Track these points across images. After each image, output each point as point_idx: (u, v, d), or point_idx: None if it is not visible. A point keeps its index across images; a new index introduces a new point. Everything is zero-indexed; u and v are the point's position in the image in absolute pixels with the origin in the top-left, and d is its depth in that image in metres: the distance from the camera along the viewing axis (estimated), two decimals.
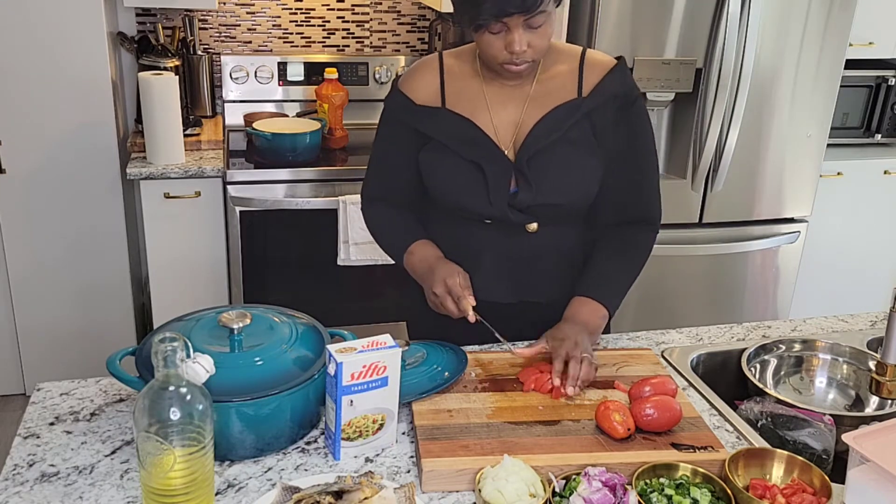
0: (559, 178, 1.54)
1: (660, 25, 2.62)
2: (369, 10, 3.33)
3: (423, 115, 1.58)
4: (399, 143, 1.62)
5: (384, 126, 1.66)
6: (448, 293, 1.52)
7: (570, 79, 1.55)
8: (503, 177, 1.54)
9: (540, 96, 1.55)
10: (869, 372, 1.55)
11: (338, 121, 3.08)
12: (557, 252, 1.62)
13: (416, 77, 1.61)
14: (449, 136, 1.56)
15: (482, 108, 1.56)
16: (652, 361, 1.56)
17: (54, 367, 3.00)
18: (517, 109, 1.55)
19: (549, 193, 1.54)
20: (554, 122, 1.53)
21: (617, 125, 1.55)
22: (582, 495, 1.15)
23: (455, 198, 1.58)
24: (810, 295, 3.36)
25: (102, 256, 2.93)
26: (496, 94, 1.56)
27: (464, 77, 1.59)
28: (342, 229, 2.81)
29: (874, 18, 3.11)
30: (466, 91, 1.58)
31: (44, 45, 2.65)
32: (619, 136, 1.56)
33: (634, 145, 1.58)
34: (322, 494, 1.13)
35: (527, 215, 1.56)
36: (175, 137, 2.74)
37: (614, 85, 1.54)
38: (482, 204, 1.55)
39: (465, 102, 1.57)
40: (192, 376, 1.12)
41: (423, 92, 1.59)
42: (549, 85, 1.55)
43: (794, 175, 2.95)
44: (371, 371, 1.23)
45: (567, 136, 1.53)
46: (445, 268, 1.56)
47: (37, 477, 1.21)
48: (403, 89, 1.60)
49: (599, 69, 1.55)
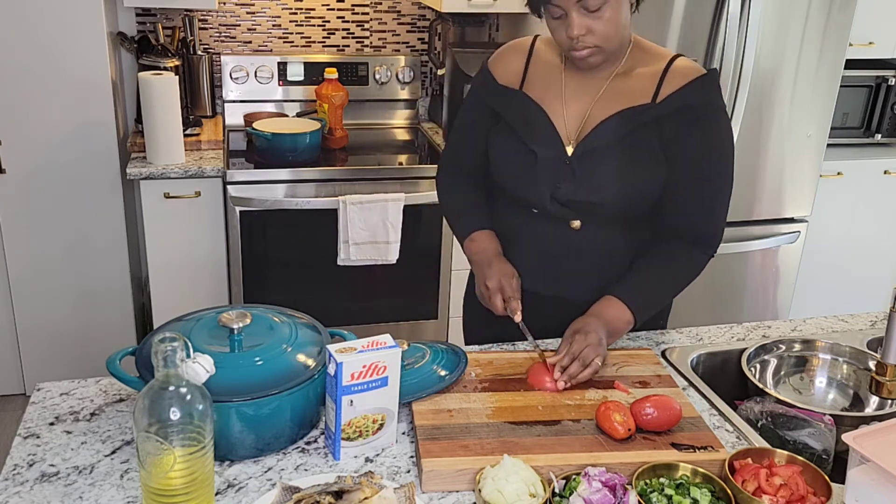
0: (605, 179, 1.52)
1: (660, 25, 2.62)
2: (369, 10, 3.33)
3: (500, 94, 1.61)
4: (477, 118, 1.67)
5: (467, 99, 1.71)
6: (500, 290, 1.57)
7: (649, 82, 1.51)
8: (554, 167, 1.54)
9: (613, 93, 1.53)
10: (869, 372, 1.55)
11: (338, 121, 3.08)
12: (599, 253, 1.59)
13: (504, 57, 1.64)
14: (515, 119, 1.58)
15: (557, 95, 1.56)
16: (652, 361, 1.56)
17: (54, 367, 3.00)
18: (588, 103, 1.55)
19: (592, 192, 1.53)
20: (619, 122, 1.51)
21: (687, 137, 1.50)
22: (582, 495, 1.15)
23: (507, 181, 1.61)
24: (810, 295, 3.36)
25: (102, 256, 2.93)
26: (573, 83, 1.56)
27: (548, 63, 1.60)
28: (342, 229, 2.81)
29: (874, 18, 3.12)
30: (547, 77, 1.58)
31: (44, 45, 2.65)
32: (687, 149, 1.51)
33: (698, 159, 1.51)
34: (322, 494, 1.14)
35: (567, 210, 1.55)
36: (175, 137, 2.74)
37: (691, 96, 1.49)
38: (529, 191, 1.57)
39: (543, 88, 1.58)
40: (192, 376, 1.12)
41: (506, 72, 1.62)
42: (626, 84, 1.53)
43: (794, 175, 2.95)
44: (371, 371, 1.23)
45: (628, 139, 1.51)
46: (503, 267, 1.61)
47: (37, 477, 1.21)
48: (490, 67, 1.65)
49: (681, 77, 1.50)
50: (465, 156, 1.72)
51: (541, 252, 1.62)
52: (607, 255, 1.60)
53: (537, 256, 1.62)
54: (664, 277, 1.58)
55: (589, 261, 1.60)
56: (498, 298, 1.57)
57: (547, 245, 1.61)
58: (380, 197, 2.81)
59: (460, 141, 1.73)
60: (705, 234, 1.58)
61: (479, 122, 1.66)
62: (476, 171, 1.70)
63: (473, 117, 1.68)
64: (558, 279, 1.62)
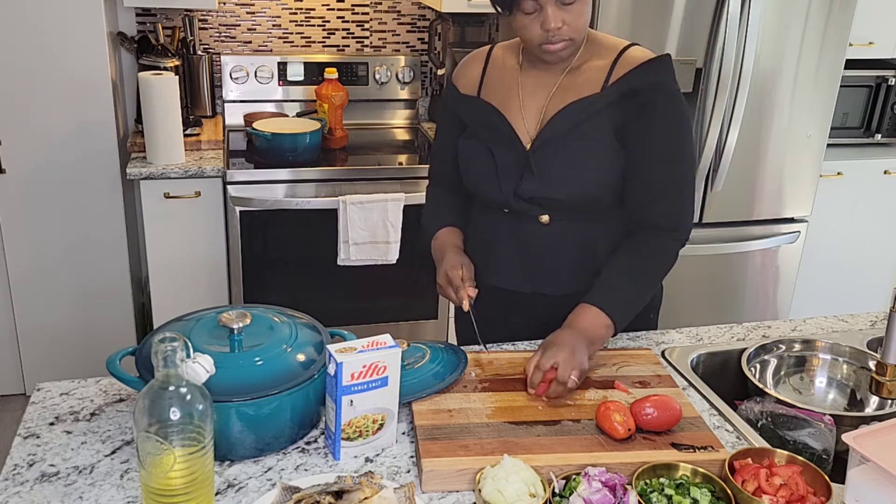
0: (563, 173, 1.53)
1: (660, 25, 2.62)
2: (369, 10, 3.33)
3: (462, 103, 1.66)
4: (448, 129, 1.72)
5: (439, 113, 1.79)
6: (449, 283, 1.60)
7: (600, 73, 1.53)
8: (514, 165, 1.56)
9: (566, 87, 1.55)
10: (869, 372, 1.55)
11: (338, 121, 3.08)
12: (572, 247, 1.60)
13: (463, 68, 1.70)
14: (475, 122, 1.63)
15: (514, 96, 1.59)
16: (652, 361, 1.56)
17: (54, 367, 3.00)
18: (544, 98, 1.56)
19: (552, 187, 1.53)
20: (570, 114, 1.52)
21: (638, 122, 1.50)
22: (582, 495, 1.15)
23: (475, 185, 1.64)
24: (810, 295, 3.36)
25: (102, 256, 2.93)
26: (529, 82, 1.58)
27: (505, 67, 1.63)
28: (342, 229, 2.81)
29: (874, 18, 3.11)
30: (504, 80, 1.61)
31: (44, 45, 2.65)
32: (641, 133, 1.50)
33: (653, 144, 1.51)
34: (322, 494, 1.13)
35: (533, 206, 1.57)
36: (175, 137, 2.74)
37: (636, 80, 1.49)
38: (494, 192, 1.59)
39: (500, 91, 1.61)
40: (192, 376, 1.12)
41: (466, 81, 1.67)
42: (579, 77, 1.54)
43: (794, 175, 2.95)
44: (371, 371, 1.23)
45: (581, 130, 1.52)
46: (452, 258, 1.64)
47: (37, 477, 1.21)
48: (454, 80, 1.71)
49: (630, 64, 1.51)
50: (443, 167, 1.76)
51: (517, 250, 1.63)
52: (582, 248, 1.60)
53: (514, 255, 1.63)
54: (636, 274, 1.55)
55: (564, 255, 1.60)
56: (450, 291, 1.60)
57: (521, 243, 1.62)
58: (380, 197, 2.81)
59: (438, 153, 1.79)
60: (672, 219, 1.56)
61: (450, 132, 1.70)
62: (455, 179, 1.72)
63: (445, 129, 1.73)
64: (536, 276, 1.63)
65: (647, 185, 1.53)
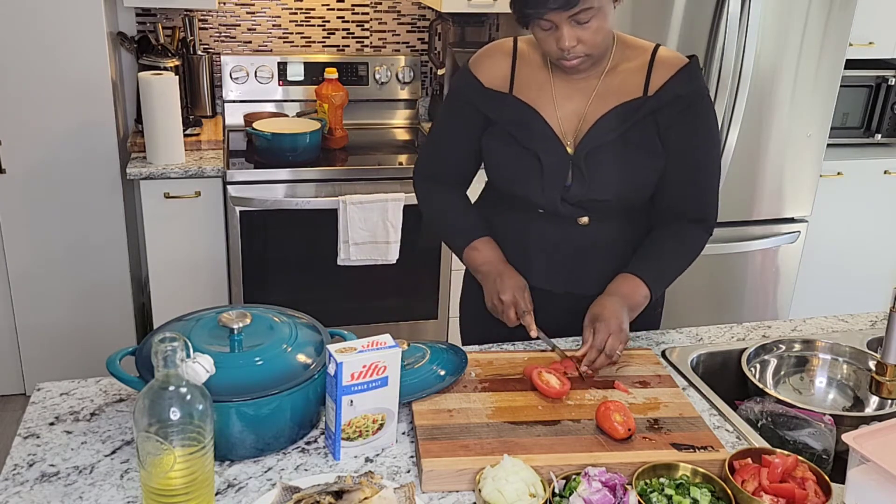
0: (612, 176, 1.55)
1: (660, 25, 2.62)
2: (369, 10, 3.33)
3: (490, 98, 1.60)
4: (463, 122, 1.64)
5: (449, 103, 1.68)
6: (514, 305, 1.58)
7: (637, 76, 1.54)
8: (559, 169, 1.56)
9: (605, 92, 1.55)
10: (869, 372, 1.55)
11: (338, 121, 3.08)
12: (608, 247, 1.62)
13: (487, 59, 1.62)
14: (513, 124, 1.58)
15: (548, 98, 1.57)
16: (652, 361, 1.56)
17: (54, 367, 3.00)
18: (582, 103, 1.56)
19: (601, 189, 1.55)
20: (616, 119, 1.53)
21: (680, 125, 1.55)
22: (582, 495, 1.15)
23: (511, 185, 1.61)
24: (810, 295, 3.36)
25: (102, 256, 2.93)
26: (563, 85, 1.57)
27: (534, 65, 1.60)
28: (342, 229, 2.81)
29: (874, 18, 3.12)
30: (535, 80, 1.59)
31: (44, 45, 2.65)
32: (683, 136, 1.55)
33: (693, 145, 1.57)
34: (322, 494, 1.14)
35: (577, 209, 1.58)
36: (175, 137, 2.74)
37: (680, 85, 1.52)
38: (536, 194, 1.58)
39: (533, 91, 1.58)
40: (192, 376, 1.12)
41: (492, 75, 1.61)
42: (616, 81, 1.55)
43: (794, 175, 2.95)
44: (371, 371, 1.23)
45: (627, 134, 1.54)
46: (515, 280, 1.61)
47: (37, 477, 1.21)
48: (474, 70, 1.62)
49: (668, 68, 1.54)
50: (449, 160, 1.70)
51: (550, 251, 1.63)
52: (612, 247, 1.63)
53: (546, 255, 1.64)
54: (674, 252, 1.62)
55: (597, 255, 1.62)
56: (512, 312, 1.58)
57: (556, 244, 1.62)
58: (380, 197, 2.81)
59: (443, 147, 1.70)
60: (705, 213, 1.63)
61: (466, 126, 1.64)
62: (460, 175, 1.70)
63: (459, 121, 1.65)
64: (568, 276, 1.64)
65: (687, 182, 1.59)
